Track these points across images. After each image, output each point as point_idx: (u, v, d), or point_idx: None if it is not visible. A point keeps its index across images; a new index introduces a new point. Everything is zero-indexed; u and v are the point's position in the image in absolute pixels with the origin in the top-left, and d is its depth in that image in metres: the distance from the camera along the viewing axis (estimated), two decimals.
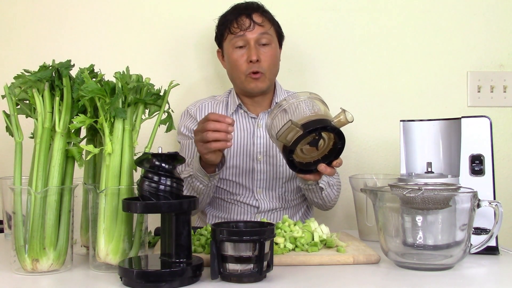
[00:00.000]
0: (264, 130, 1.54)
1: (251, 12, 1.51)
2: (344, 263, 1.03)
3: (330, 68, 1.92)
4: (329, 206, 1.52)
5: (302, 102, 1.15)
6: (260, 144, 1.53)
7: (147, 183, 0.91)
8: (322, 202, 1.46)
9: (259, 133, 1.54)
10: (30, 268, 0.96)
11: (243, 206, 1.54)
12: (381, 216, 1.03)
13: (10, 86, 1.03)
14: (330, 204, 1.50)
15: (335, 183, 1.47)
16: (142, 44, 1.88)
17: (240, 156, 1.53)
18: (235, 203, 1.54)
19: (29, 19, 1.87)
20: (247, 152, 1.53)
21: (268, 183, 1.53)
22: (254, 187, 1.53)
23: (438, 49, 1.95)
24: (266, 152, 1.53)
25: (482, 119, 1.15)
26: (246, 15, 1.50)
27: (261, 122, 1.55)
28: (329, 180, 1.41)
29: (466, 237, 0.99)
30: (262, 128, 1.54)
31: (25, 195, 0.98)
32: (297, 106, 1.14)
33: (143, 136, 1.08)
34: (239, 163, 1.53)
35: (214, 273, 0.89)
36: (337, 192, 1.49)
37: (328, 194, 1.43)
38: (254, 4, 1.55)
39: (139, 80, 1.04)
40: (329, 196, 1.44)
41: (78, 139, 1.04)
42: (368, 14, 1.94)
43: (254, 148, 1.53)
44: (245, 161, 1.53)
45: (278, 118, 1.15)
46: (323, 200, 1.45)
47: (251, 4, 1.56)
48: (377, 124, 1.93)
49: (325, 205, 1.50)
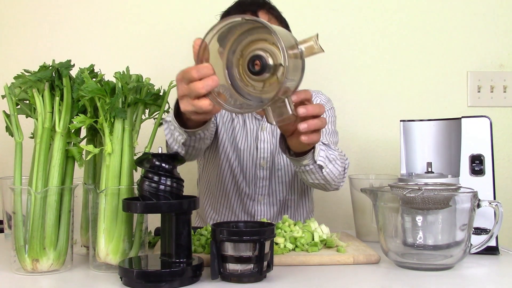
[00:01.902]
0: (268, 134, 1.48)
1: (256, 8, 1.40)
2: (344, 263, 1.03)
3: (330, 68, 1.92)
4: (334, 186, 1.28)
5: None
6: (263, 149, 1.47)
7: (147, 183, 0.91)
8: (325, 181, 1.22)
9: (263, 137, 1.47)
10: (30, 268, 0.96)
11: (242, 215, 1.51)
12: (381, 216, 1.03)
13: (10, 86, 1.03)
14: (335, 182, 1.25)
15: (337, 156, 1.24)
16: (142, 44, 1.88)
17: (242, 162, 1.47)
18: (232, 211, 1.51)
19: (29, 19, 1.87)
20: (250, 158, 1.47)
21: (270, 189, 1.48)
22: (256, 195, 1.48)
23: (438, 49, 1.95)
24: (271, 158, 1.47)
25: (482, 119, 1.15)
26: (251, 12, 1.39)
27: (265, 125, 1.49)
28: (327, 154, 1.19)
29: (466, 237, 0.99)
30: (266, 131, 1.48)
31: (25, 195, 0.98)
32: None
33: (143, 136, 1.09)
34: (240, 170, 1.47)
35: (214, 273, 0.89)
36: (341, 167, 1.25)
37: (330, 171, 1.20)
38: (259, 0, 1.44)
39: (139, 80, 1.04)
40: (331, 173, 1.21)
41: (78, 139, 1.04)
42: (368, 14, 1.95)
43: (258, 153, 1.47)
44: (248, 168, 1.47)
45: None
46: (326, 180, 1.21)
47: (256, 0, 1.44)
48: (377, 124, 1.94)
49: (330, 186, 1.26)
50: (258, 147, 1.47)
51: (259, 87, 0.89)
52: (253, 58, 0.86)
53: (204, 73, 0.86)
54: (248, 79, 0.89)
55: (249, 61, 0.86)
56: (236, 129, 1.49)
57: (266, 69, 0.85)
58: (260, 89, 0.89)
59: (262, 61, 0.85)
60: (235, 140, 1.48)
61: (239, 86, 0.90)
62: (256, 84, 0.89)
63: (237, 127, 1.50)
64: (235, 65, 0.89)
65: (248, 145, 1.48)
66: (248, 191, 1.49)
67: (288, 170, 1.49)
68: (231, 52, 0.89)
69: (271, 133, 1.49)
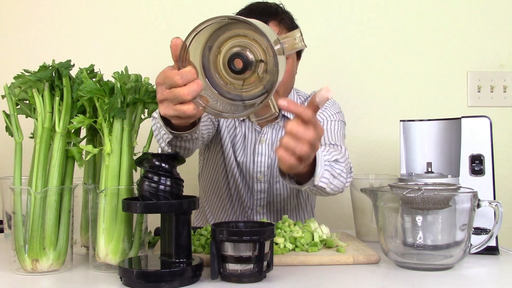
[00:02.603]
0: (267, 146, 1.42)
1: (267, 18, 1.29)
2: (344, 263, 1.03)
3: (329, 68, 1.92)
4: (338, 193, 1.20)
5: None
6: (260, 162, 1.42)
7: (147, 183, 0.91)
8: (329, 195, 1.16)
9: (260, 150, 1.42)
10: (30, 268, 0.96)
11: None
12: (381, 216, 1.03)
13: (10, 86, 1.03)
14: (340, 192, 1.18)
15: (343, 170, 1.15)
16: (143, 44, 1.88)
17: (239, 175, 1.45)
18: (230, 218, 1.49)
19: (29, 19, 1.87)
20: (246, 171, 1.43)
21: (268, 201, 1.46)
22: (254, 206, 1.46)
23: (438, 49, 1.96)
24: (268, 171, 1.43)
25: (482, 119, 1.15)
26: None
27: (264, 137, 1.43)
28: (333, 172, 1.11)
29: (466, 237, 0.99)
30: (265, 144, 1.43)
31: (25, 195, 0.98)
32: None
33: (143, 136, 1.09)
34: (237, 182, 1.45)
35: (214, 273, 0.89)
36: (346, 178, 1.17)
37: (335, 186, 1.13)
38: (272, 8, 1.33)
39: (138, 80, 1.04)
40: (336, 187, 1.13)
41: (78, 139, 1.04)
42: (368, 13, 1.95)
43: (255, 167, 1.43)
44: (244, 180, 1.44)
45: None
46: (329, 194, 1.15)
47: (268, 7, 1.33)
48: (377, 124, 1.94)
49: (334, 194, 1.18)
50: (255, 161, 1.43)
51: (239, 85, 0.86)
52: (234, 56, 0.82)
53: (188, 78, 0.81)
54: (227, 77, 0.86)
55: (229, 59, 0.83)
56: (237, 138, 1.46)
57: (249, 67, 0.82)
58: (240, 87, 0.86)
59: (243, 58, 0.82)
60: (234, 151, 1.45)
61: (217, 84, 0.87)
62: (236, 82, 0.86)
63: (238, 136, 1.46)
64: (213, 62, 0.86)
65: (246, 158, 1.44)
66: (246, 202, 1.47)
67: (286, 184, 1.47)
68: (207, 49, 0.85)
69: (270, 146, 1.44)
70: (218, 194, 1.51)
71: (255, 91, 0.85)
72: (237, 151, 1.45)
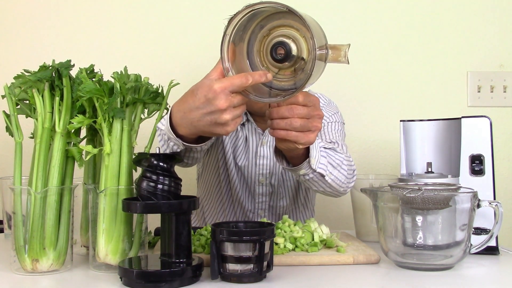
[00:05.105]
0: (268, 149, 1.41)
1: None
2: (344, 263, 1.03)
3: (329, 68, 1.92)
4: (343, 192, 1.20)
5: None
6: (262, 165, 1.42)
7: (146, 182, 0.91)
8: (332, 189, 1.16)
9: (262, 152, 1.42)
10: (30, 268, 0.96)
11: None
12: (381, 216, 1.03)
13: (10, 86, 1.03)
14: (343, 188, 1.18)
15: (342, 161, 1.16)
16: (143, 44, 1.88)
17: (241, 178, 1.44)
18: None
19: (29, 19, 1.87)
20: (248, 174, 1.42)
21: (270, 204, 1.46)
22: (256, 209, 1.46)
23: (438, 49, 1.96)
24: (270, 174, 1.43)
25: (482, 119, 1.15)
26: None
27: (265, 140, 1.42)
28: (330, 160, 1.12)
29: (466, 237, 0.99)
30: (266, 146, 1.41)
31: (25, 195, 0.98)
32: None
33: (143, 136, 1.09)
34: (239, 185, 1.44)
35: (214, 273, 0.89)
36: (347, 172, 1.17)
37: (336, 177, 1.13)
38: None
39: (138, 80, 1.04)
40: (337, 179, 1.14)
41: (78, 139, 1.04)
42: (368, 14, 1.95)
43: (256, 169, 1.43)
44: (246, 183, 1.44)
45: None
46: (332, 187, 1.15)
47: None
48: (377, 124, 1.94)
49: (338, 192, 1.19)
50: (257, 163, 1.43)
51: (273, 72, 0.88)
52: (278, 44, 0.84)
53: (235, 114, 0.87)
54: (265, 60, 0.87)
55: (274, 45, 0.85)
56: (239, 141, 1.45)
57: (288, 59, 0.84)
58: (273, 73, 0.88)
59: (286, 49, 0.84)
60: (236, 153, 1.45)
61: (254, 63, 0.89)
62: (272, 68, 0.88)
63: (240, 139, 1.45)
64: (258, 41, 0.87)
65: (247, 161, 1.44)
66: (248, 205, 1.47)
67: (289, 186, 1.46)
68: (258, 27, 0.86)
69: (272, 148, 1.43)
70: (219, 197, 1.51)
71: (285, 84, 0.86)
72: (239, 155, 1.45)
